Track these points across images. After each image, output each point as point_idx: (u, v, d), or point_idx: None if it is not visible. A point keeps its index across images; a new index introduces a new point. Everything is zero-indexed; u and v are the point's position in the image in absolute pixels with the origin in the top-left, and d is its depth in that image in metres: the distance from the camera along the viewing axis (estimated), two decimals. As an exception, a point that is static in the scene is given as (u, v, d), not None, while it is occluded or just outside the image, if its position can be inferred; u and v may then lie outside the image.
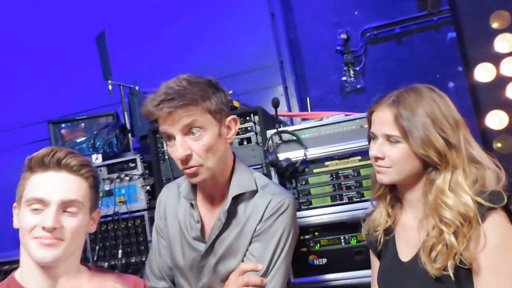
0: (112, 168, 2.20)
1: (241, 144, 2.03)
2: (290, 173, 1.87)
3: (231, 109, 1.93)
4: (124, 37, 3.09)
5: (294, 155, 1.88)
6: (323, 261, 1.85)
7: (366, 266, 1.53)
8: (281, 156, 1.88)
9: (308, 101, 2.50)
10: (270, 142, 1.91)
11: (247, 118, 2.02)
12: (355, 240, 1.83)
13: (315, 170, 1.89)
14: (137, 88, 2.42)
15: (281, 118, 2.33)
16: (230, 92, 2.17)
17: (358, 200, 1.84)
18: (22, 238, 1.16)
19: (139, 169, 2.16)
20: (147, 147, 2.24)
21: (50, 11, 3.38)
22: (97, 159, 2.23)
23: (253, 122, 2.01)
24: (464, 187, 1.15)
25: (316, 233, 1.87)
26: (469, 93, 2.04)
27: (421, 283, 1.18)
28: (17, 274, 1.21)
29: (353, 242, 1.83)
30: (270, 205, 1.34)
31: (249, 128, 2.02)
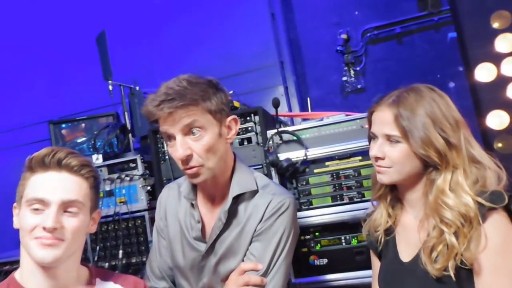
0: (112, 168, 2.20)
1: (242, 144, 2.03)
2: (290, 173, 1.87)
3: (232, 109, 1.93)
4: (124, 37, 3.09)
5: (295, 155, 1.88)
6: (323, 261, 1.85)
7: (367, 267, 1.52)
8: (282, 156, 1.88)
9: (308, 101, 2.50)
10: (270, 142, 1.91)
11: (248, 118, 2.02)
12: (355, 240, 1.83)
13: (315, 170, 1.89)
14: (137, 88, 2.42)
15: (282, 118, 2.33)
16: (230, 92, 2.17)
17: (359, 200, 1.84)
18: (23, 238, 1.16)
19: (139, 169, 2.16)
20: (148, 147, 2.24)
21: (50, 11, 3.38)
22: (97, 159, 2.23)
23: (253, 122, 2.02)
24: (465, 187, 1.15)
25: (316, 234, 1.87)
26: (469, 93, 2.04)
27: (421, 283, 1.18)
28: (17, 274, 1.21)
29: (354, 243, 1.83)
30: (270, 205, 1.34)
31: (249, 128, 2.02)
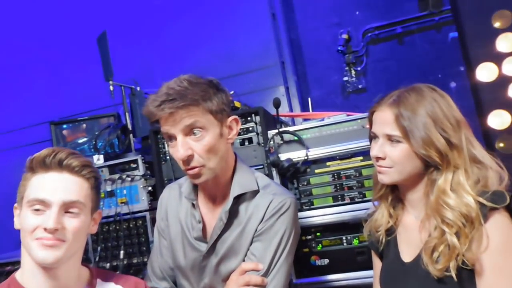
0: (113, 168, 2.20)
1: (243, 145, 2.02)
2: (291, 174, 1.87)
3: (232, 110, 1.93)
4: (125, 37, 3.10)
5: (296, 155, 1.87)
6: (325, 261, 1.85)
7: (368, 267, 1.52)
8: (283, 156, 1.88)
9: (309, 101, 2.49)
10: (271, 142, 1.91)
11: (249, 118, 2.02)
12: (357, 240, 1.82)
13: (316, 171, 1.89)
14: (138, 88, 2.42)
15: (283, 118, 2.33)
16: (231, 92, 2.17)
17: (360, 200, 1.83)
18: (24, 239, 1.16)
19: (140, 169, 2.16)
20: (149, 148, 2.24)
21: (51, 12, 3.38)
22: (98, 160, 2.23)
23: (254, 123, 2.01)
24: (466, 187, 1.14)
25: (318, 234, 1.86)
26: (470, 93, 2.04)
27: (423, 284, 1.17)
28: (18, 275, 1.21)
29: (355, 243, 1.83)
30: (271, 205, 1.34)
31: (250, 128, 2.02)
